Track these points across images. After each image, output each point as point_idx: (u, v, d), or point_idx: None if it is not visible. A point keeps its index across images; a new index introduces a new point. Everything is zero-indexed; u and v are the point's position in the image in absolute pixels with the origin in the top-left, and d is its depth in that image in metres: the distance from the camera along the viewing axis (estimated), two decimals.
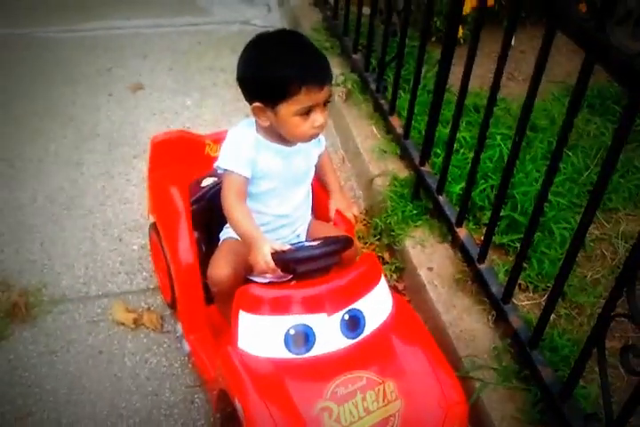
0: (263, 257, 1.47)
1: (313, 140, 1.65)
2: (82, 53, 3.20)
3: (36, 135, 2.68)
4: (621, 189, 2.30)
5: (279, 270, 1.49)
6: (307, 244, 1.54)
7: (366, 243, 2.24)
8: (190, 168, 1.91)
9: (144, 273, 2.11)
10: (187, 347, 1.79)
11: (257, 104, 1.52)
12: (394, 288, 2.08)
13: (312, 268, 1.49)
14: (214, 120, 2.79)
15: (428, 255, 2.06)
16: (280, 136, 1.58)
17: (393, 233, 2.15)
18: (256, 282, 1.70)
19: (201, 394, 1.81)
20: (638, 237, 1.21)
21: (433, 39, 3.01)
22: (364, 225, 2.32)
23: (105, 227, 2.28)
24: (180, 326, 1.83)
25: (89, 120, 2.77)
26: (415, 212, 2.18)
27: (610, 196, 2.27)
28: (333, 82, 2.78)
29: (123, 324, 1.95)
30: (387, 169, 2.37)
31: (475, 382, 1.70)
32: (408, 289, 2.10)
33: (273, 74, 1.47)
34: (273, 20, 3.64)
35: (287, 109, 1.49)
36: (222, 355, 1.52)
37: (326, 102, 1.54)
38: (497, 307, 1.74)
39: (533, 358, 1.58)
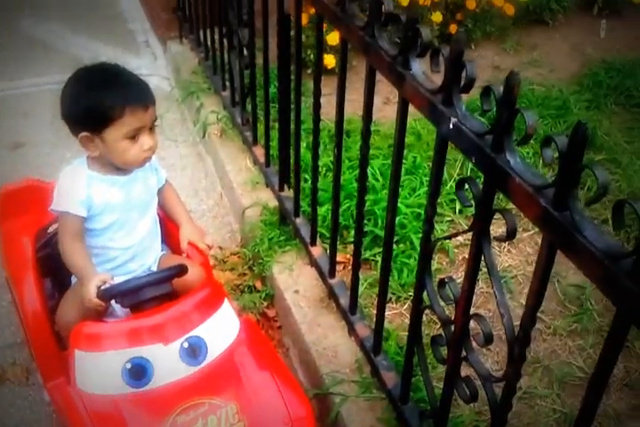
0: (87, 294, 1.47)
1: (149, 168, 1.70)
2: None
3: None
4: None
5: (105, 305, 1.49)
6: (138, 276, 1.55)
7: (240, 274, 2.26)
8: (40, 216, 1.91)
9: (12, 328, 2.08)
10: (46, 396, 1.75)
11: (84, 134, 1.53)
12: (264, 315, 2.09)
13: (140, 299, 1.49)
14: None
15: (295, 279, 2.08)
16: (113, 167, 1.60)
17: (261, 261, 2.17)
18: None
19: None
20: (424, 227, 1.26)
21: (309, 71, 3.11)
22: (238, 257, 2.33)
23: None
24: (40, 376, 1.80)
25: None
26: (283, 237, 2.21)
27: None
28: (207, 120, 2.88)
29: None
30: (258, 199, 2.40)
31: (336, 397, 1.70)
32: (279, 315, 2.10)
33: (95, 100, 1.50)
34: (158, 68, 3.70)
35: (114, 134, 1.51)
36: (62, 396, 1.50)
37: (152, 125, 1.57)
38: (346, 318, 1.76)
39: (377, 364, 1.59)
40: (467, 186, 1.20)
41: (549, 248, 0.96)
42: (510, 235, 1.06)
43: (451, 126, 1.15)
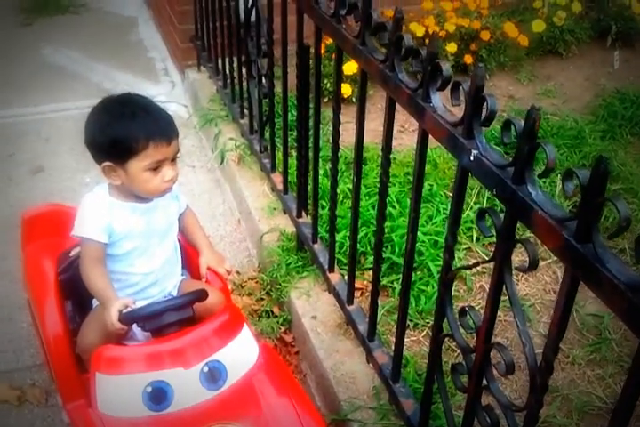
0: (109, 318, 1.49)
1: (169, 196, 1.72)
2: None
3: None
4: None
5: (127, 329, 1.51)
6: (159, 300, 1.57)
7: (258, 299, 2.27)
8: (62, 240, 1.94)
9: (31, 350, 2.10)
10: (65, 417, 1.77)
11: (107, 164, 1.56)
12: (281, 341, 2.10)
13: (162, 323, 1.51)
14: None
15: (313, 304, 2.09)
16: (134, 195, 1.63)
17: (279, 286, 2.19)
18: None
19: None
20: (444, 256, 1.27)
21: (326, 100, 3.16)
22: (256, 282, 2.35)
23: None
24: (59, 398, 1.81)
25: None
26: (301, 263, 2.24)
27: None
28: (225, 147, 2.92)
29: (6, 401, 1.93)
30: (276, 225, 2.43)
31: (354, 423, 1.71)
32: (296, 340, 2.11)
33: (121, 132, 1.53)
34: (176, 95, 3.77)
35: (137, 166, 1.54)
36: (82, 418, 1.52)
37: (174, 157, 1.61)
38: (364, 345, 1.77)
39: (396, 391, 1.60)
40: (487, 216, 1.22)
41: (572, 279, 0.98)
42: (532, 265, 1.07)
43: (472, 158, 1.17)
